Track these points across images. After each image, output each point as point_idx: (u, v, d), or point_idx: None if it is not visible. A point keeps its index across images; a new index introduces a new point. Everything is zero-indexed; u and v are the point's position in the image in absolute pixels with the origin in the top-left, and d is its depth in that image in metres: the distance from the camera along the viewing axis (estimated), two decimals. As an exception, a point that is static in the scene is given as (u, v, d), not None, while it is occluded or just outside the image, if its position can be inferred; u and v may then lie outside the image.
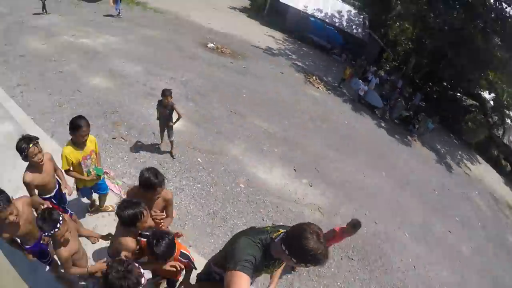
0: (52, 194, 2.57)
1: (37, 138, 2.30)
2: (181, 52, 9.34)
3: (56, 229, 1.90)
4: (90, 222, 3.22)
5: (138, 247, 2.16)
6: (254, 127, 6.64)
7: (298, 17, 18.34)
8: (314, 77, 11.64)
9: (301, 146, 6.73)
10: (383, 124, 10.91)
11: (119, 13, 11.19)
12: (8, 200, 1.93)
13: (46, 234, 1.91)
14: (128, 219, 1.95)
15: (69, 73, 6.02)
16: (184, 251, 2.17)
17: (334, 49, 17.57)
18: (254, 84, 8.82)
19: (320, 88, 10.85)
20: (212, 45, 10.98)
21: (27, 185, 2.29)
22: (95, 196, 3.19)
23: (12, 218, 1.95)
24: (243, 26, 16.26)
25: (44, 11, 9.17)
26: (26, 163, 2.31)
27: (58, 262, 2.19)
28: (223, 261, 1.66)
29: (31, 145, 2.21)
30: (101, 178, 2.95)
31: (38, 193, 2.44)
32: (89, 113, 4.68)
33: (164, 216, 2.47)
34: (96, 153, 2.80)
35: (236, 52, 11.15)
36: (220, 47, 11.10)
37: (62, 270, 2.31)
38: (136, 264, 1.69)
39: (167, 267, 2.07)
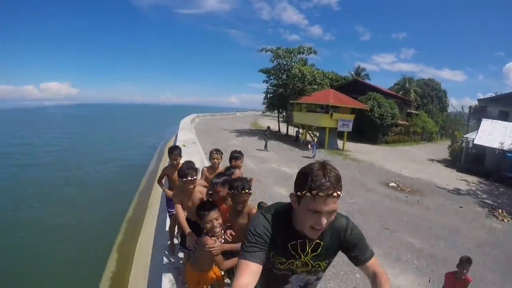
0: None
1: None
2: (360, 186, 12.37)
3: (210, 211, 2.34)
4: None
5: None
6: (400, 240, 7.53)
7: (494, 156, 17.97)
8: (501, 211, 11.33)
9: (450, 263, 6.48)
10: None
11: (314, 155, 17.18)
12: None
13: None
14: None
15: (263, 184, 10.42)
16: None
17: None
18: (421, 213, 10.03)
19: (505, 220, 10.49)
20: (393, 184, 13.37)
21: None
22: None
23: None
24: (435, 172, 17.65)
25: (265, 149, 16.18)
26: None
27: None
28: None
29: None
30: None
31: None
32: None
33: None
34: None
35: (415, 190, 12.88)
36: (401, 186, 13.27)
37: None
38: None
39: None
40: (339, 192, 1.18)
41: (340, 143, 23.27)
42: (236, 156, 4.06)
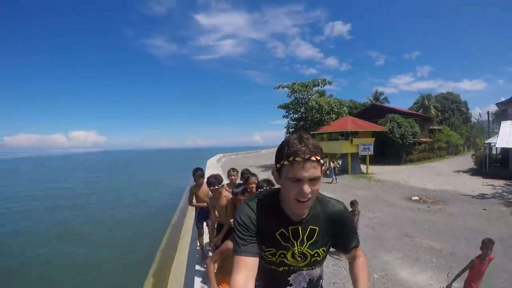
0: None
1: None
2: (382, 202, 13.25)
3: None
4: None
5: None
6: (419, 244, 7.98)
7: None
8: None
9: (471, 259, 7.44)
10: None
11: (335, 179, 18.76)
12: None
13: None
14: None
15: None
16: None
17: None
18: (442, 219, 10.61)
19: None
20: (416, 197, 14.11)
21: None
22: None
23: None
24: (460, 182, 18.05)
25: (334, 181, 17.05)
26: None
27: None
28: None
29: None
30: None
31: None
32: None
33: None
34: None
35: (438, 200, 13.55)
36: (424, 198, 13.97)
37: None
38: None
39: None
40: (318, 157, 1.15)
41: (363, 167, 24.14)
42: (246, 175, 4.92)
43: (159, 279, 8.24)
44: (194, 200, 5.38)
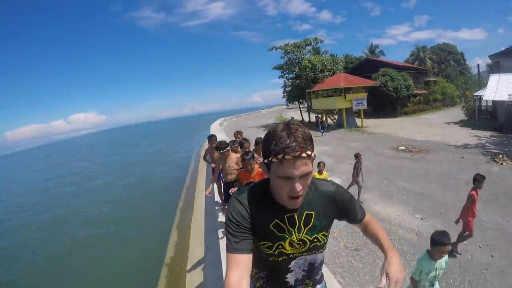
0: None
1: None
2: (369, 152, 14.21)
3: None
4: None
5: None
6: (395, 186, 9.14)
7: (505, 109, 18.85)
8: (502, 156, 12.63)
9: (436, 199, 7.98)
10: None
11: (323, 133, 20.17)
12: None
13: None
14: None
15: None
16: None
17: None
18: (421, 166, 11.55)
19: (504, 164, 11.81)
20: (403, 147, 15.01)
21: None
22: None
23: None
24: (449, 133, 18.77)
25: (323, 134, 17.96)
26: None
27: None
28: None
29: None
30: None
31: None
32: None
33: None
34: None
35: (423, 149, 14.41)
36: (410, 148, 14.87)
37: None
38: None
39: None
40: (308, 152, 1.07)
41: (359, 121, 24.92)
42: (242, 141, 6.10)
43: (182, 229, 10.06)
44: (208, 158, 6.86)
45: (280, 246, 1.28)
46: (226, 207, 1.29)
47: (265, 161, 1.13)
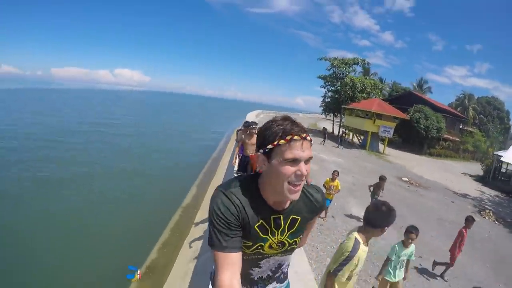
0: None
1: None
2: (374, 173, 15.84)
3: None
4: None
5: None
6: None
7: None
8: (488, 211, 13.87)
9: (405, 220, 9.06)
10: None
11: (340, 147, 22.54)
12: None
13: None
14: None
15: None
16: None
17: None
18: (413, 197, 13.13)
19: (487, 218, 13.08)
20: (406, 179, 16.57)
21: None
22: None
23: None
24: (457, 181, 19.91)
25: (323, 143, 19.81)
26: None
27: None
28: None
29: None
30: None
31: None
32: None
33: None
34: None
35: (423, 186, 15.95)
36: (412, 181, 16.40)
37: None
38: None
39: None
40: (311, 138, 1.13)
41: (382, 147, 26.34)
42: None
43: (202, 186, 12.42)
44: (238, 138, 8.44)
45: (259, 247, 1.25)
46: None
47: (268, 147, 1.10)
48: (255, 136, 6.43)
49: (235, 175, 7.41)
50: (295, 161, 1.08)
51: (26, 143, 17.02)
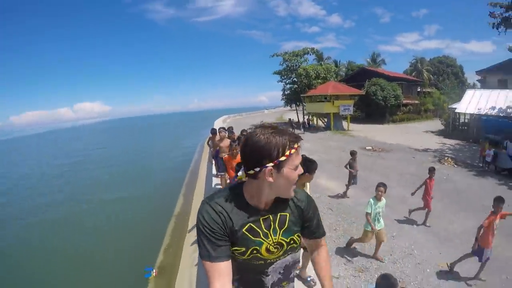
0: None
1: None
2: (339, 149, 16.59)
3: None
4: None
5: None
6: (345, 172, 11.71)
7: (474, 121, 20.91)
8: (447, 158, 14.71)
9: (368, 180, 10.14)
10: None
11: (302, 132, 22.93)
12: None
13: None
14: None
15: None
16: None
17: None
18: (373, 160, 13.90)
19: (446, 164, 13.88)
20: (369, 147, 17.30)
21: None
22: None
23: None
24: (419, 139, 20.67)
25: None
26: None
27: None
28: None
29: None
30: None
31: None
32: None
33: None
34: None
35: (385, 150, 16.69)
36: (376, 148, 17.16)
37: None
38: None
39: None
40: None
41: (346, 124, 27.26)
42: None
43: (189, 190, 13.32)
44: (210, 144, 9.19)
45: (255, 251, 1.25)
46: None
47: (280, 159, 1.12)
48: (226, 139, 7.20)
49: (215, 178, 7.75)
50: (297, 166, 1.18)
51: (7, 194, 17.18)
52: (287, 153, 1.12)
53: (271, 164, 1.12)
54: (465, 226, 6.94)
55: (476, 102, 21.42)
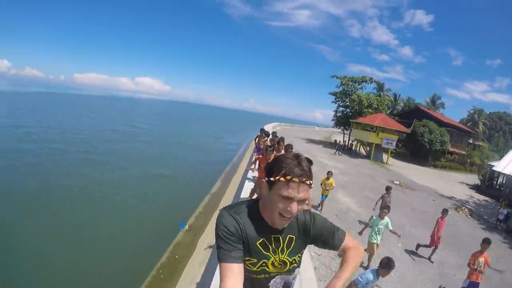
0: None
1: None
2: (371, 177, 18.62)
3: None
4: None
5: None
6: (365, 195, 13.64)
7: (509, 182, 21.38)
8: (464, 208, 15.89)
9: (394, 216, 11.03)
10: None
11: (338, 153, 25.00)
12: None
13: None
14: None
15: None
16: None
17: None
18: (396, 194, 15.11)
19: (460, 212, 15.11)
20: (397, 182, 19.12)
21: None
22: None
23: None
24: (450, 188, 21.87)
25: (336, 153, 22.62)
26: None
27: None
28: None
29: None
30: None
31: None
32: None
33: None
34: None
35: (411, 188, 18.36)
36: (403, 184, 18.91)
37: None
38: None
39: None
40: (311, 181, 1.25)
41: (386, 158, 28.88)
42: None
43: (227, 179, 15.69)
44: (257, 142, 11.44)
45: (263, 264, 1.36)
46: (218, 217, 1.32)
47: (270, 178, 1.25)
48: (266, 142, 8.90)
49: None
50: (288, 199, 1.22)
51: (57, 148, 18.46)
52: (277, 177, 1.23)
53: (266, 178, 1.30)
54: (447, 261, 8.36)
55: (516, 163, 22.08)
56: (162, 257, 7.94)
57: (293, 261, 1.44)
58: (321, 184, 9.81)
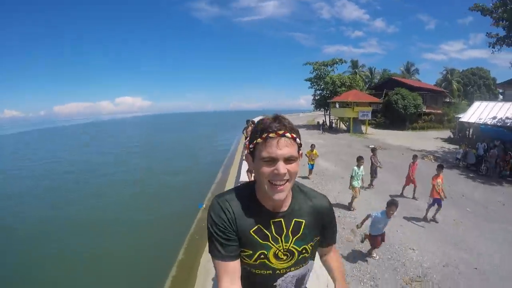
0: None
1: None
2: (347, 145, 20.71)
3: None
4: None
5: None
6: (341, 158, 15.94)
7: (474, 130, 23.51)
8: (430, 156, 17.75)
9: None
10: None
11: (322, 132, 26.80)
12: None
13: None
14: None
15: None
16: None
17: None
18: (366, 153, 17.88)
19: (425, 159, 17.20)
20: (372, 146, 21.13)
21: None
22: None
23: None
24: (424, 143, 23.62)
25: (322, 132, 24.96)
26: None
27: None
28: None
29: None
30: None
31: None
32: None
33: None
34: None
35: (384, 148, 20.32)
36: (377, 147, 20.91)
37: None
38: None
39: None
40: (294, 135, 1.08)
41: (365, 128, 31.09)
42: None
43: (225, 175, 17.66)
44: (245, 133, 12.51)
45: (262, 256, 1.18)
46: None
47: (251, 147, 1.12)
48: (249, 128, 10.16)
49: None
50: (272, 160, 1.05)
51: (55, 179, 18.66)
52: (254, 141, 1.09)
53: (248, 150, 1.15)
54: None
55: (480, 112, 24.17)
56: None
57: (303, 251, 1.24)
58: (307, 155, 11.25)
